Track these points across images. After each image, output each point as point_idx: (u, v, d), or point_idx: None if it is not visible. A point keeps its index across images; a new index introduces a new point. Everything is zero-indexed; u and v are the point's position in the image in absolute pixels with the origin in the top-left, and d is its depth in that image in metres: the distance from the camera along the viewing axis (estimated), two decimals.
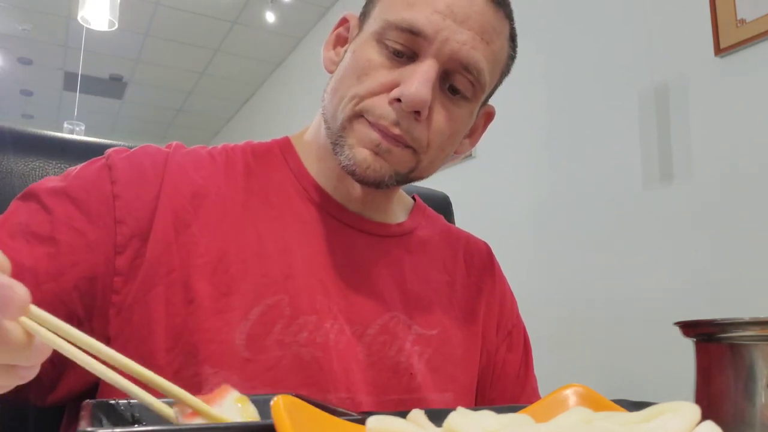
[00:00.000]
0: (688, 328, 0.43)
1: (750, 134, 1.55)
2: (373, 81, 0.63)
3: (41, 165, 0.77)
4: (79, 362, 0.34)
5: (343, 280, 0.67)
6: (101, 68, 5.11)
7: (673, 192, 1.74)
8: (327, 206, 0.70)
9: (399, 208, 0.78)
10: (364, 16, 0.69)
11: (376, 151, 0.63)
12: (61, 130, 4.77)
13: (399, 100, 0.61)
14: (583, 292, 1.98)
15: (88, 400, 0.35)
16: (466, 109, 0.67)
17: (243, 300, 0.61)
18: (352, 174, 0.64)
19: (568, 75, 2.15)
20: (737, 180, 1.57)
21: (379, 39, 0.64)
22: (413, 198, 0.84)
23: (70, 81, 5.23)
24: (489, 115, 0.77)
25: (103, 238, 0.59)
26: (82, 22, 3.04)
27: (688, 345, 0.44)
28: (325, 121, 0.68)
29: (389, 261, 0.72)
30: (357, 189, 0.69)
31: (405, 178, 0.67)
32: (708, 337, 0.41)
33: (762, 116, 1.53)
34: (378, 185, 0.65)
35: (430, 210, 0.84)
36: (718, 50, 1.63)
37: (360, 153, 0.63)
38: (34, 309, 0.33)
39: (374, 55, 0.64)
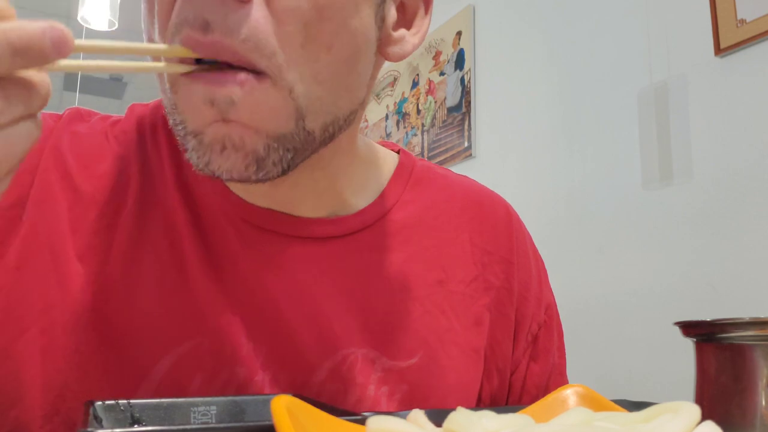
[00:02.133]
0: (688, 328, 0.43)
1: (750, 134, 1.55)
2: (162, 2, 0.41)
3: None
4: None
5: (274, 312, 0.48)
6: None
7: (673, 192, 1.74)
8: (241, 211, 0.50)
9: (367, 181, 0.55)
10: None
11: (220, 119, 0.39)
12: None
13: None
14: (583, 292, 1.98)
15: (89, 401, 0.35)
16: None
17: (144, 351, 0.45)
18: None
19: (568, 75, 2.15)
20: (737, 180, 1.57)
21: None
22: (398, 152, 0.60)
23: (70, 81, 5.23)
24: None
25: None
26: (82, 22, 3.04)
27: (688, 345, 0.44)
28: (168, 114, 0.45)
29: (341, 273, 0.51)
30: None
31: (310, 139, 0.43)
32: (708, 337, 0.41)
33: (762, 116, 1.53)
34: (266, 177, 0.42)
35: (422, 169, 0.60)
36: (718, 50, 1.63)
37: (204, 156, 0.41)
38: None
39: None
